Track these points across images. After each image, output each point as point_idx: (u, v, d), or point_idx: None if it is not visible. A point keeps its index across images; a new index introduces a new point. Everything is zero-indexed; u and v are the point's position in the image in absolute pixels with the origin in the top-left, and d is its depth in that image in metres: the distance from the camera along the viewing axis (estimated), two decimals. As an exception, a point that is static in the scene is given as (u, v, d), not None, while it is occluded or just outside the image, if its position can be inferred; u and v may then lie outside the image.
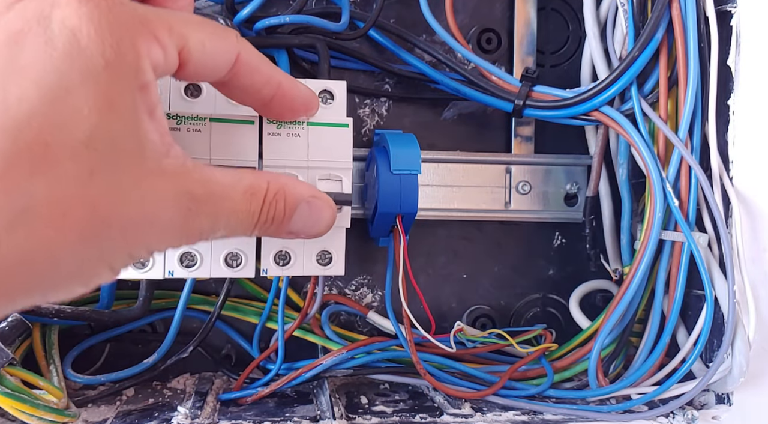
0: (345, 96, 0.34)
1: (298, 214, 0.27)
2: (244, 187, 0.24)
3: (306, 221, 0.27)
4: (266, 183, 0.25)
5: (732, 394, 0.37)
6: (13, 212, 0.17)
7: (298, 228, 0.27)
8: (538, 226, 0.46)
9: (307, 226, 0.28)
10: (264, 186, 0.25)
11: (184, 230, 0.22)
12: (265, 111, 0.30)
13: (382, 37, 0.41)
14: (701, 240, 0.36)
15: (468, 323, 0.45)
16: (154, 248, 0.21)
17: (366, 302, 0.45)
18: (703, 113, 0.36)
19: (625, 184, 0.41)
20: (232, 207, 0.24)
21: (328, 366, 0.39)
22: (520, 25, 0.44)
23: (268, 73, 0.28)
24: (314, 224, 0.28)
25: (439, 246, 0.45)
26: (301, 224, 0.27)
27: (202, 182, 0.22)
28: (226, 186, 0.23)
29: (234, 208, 0.24)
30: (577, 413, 0.37)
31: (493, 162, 0.44)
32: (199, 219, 0.22)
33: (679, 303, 0.37)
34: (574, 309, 0.44)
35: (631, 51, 0.36)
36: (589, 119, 0.38)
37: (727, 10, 0.36)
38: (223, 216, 0.23)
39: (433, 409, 0.37)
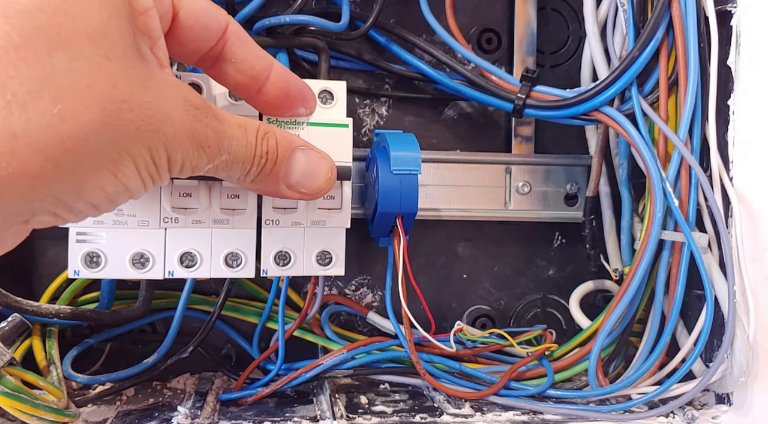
0: (345, 96, 0.34)
1: (295, 161, 0.27)
2: (238, 120, 0.25)
3: (303, 170, 0.28)
4: (257, 123, 0.26)
5: (732, 394, 0.37)
6: (37, 78, 0.17)
7: (297, 179, 0.28)
8: (538, 226, 0.46)
9: (305, 176, 0.28)
10: (255, 124, 0.26)
11: (195, 134, 0.22)
12: (261, 103, 0.30)
13: (382, 37, 0.41)
14: (701, 240, 0.36)
15: (468, 323, 0.45)
16: (170, 150, 0.22)
17: (366, 302, 0.45)
18: (703, 113, 0.36)
19: (625, 184, 0.41)
20: (230, 132, 0.24)
21: (328, 366, 0.39)
22: (520, 25, 0.44)
23: (258, 49, 0.28)
24: (312, 175, 0.28)
25: (439, 246, 0.45)
26: (298, 173, 0.28)
27: (201, 100, 0.23)
28: (222, 113, 0.24)
29: (232, 134, 0.24)
30: (577, 413, 0.37)
31: (493, 162, 0.44)
32: (205, 128, 0.23)
33: (679, 303, 0.37)
34: (574, 309, 0.44)
35: (631, 51, 0.36)
36: (589, 119, 0.37)
37: (727, 10, 0.36)
38: (224, 136, 0.24)
39: (433, 409, 0.37)
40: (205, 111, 0.23)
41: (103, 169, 0.20)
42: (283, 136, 0.27)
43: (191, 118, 0.22)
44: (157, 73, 0.22)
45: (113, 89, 0.19)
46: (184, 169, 0.23)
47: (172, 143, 0.21)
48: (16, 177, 0.17)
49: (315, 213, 0.33)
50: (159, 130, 0.21)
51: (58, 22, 0.18)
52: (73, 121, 0.18)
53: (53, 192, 0.19)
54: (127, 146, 0.20)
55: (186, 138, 0.22)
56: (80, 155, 0.18)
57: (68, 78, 0.18)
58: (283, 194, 0.28)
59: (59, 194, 0.19)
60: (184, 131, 0.22)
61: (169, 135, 0.21)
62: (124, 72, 0.20)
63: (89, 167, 0.19)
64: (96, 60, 0.19)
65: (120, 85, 0.19)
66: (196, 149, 0.23)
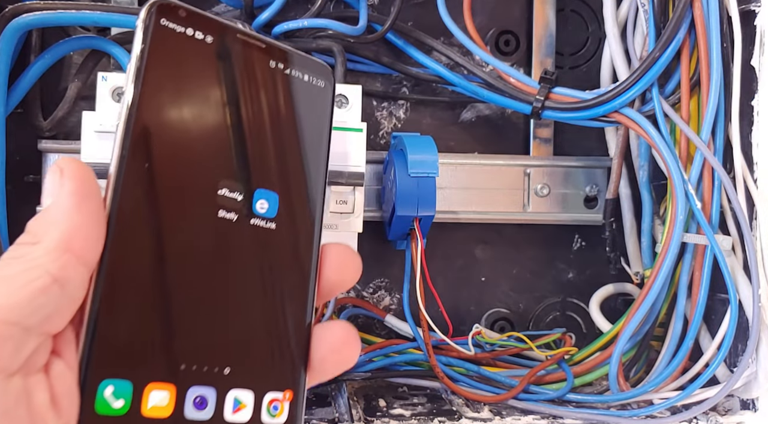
0: (360, 100, 0.34)
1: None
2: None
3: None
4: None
5: (757, 399, 0.36)
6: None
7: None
8: (558, 228, 0.46)
9: None
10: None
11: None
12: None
13: (400, 40, 0.42)
14: (725, 243, 0.35)
15: (486, 327, 0.45)
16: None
17: (384, 304, 0.45)
18: (726, 114, 0.36)
19: (646, 186, 0.41)
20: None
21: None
22: (539, 26, 0.44)
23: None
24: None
25: (457, 249, 0.45)
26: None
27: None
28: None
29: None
30: (598, 418, 0.36)
31: (512, 164, 0.44)
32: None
33: (702, 307, 0.36)
34: (594, 312, 0.43)
35: (652, 51, 0.35)
36: (609, 121, 0.37)
37: (750, 10, 0.36)
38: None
39: (452, 412, 0.37)
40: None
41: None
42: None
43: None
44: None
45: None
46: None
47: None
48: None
49: (327, 217, 0.33)
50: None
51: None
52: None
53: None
54: None
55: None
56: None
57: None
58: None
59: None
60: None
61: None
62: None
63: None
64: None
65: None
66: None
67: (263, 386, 0.21)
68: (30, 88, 0.38)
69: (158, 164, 0.20)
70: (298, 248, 0.22)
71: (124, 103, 0.19)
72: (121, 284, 0.19)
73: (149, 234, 0.19)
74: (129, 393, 0.18)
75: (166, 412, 0.19)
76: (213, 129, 0.21)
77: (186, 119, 0.20)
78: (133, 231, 0.19)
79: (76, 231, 0.18)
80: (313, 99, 0.23)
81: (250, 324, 0.21)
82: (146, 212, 0.19)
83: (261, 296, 0.21)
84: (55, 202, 0.18)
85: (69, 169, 0.19)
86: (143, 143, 0.20)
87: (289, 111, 0.23)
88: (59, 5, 0.34)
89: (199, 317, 0.20)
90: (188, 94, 0.21)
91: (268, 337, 0.21)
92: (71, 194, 0.18)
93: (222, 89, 0.21)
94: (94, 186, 0.19)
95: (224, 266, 0.20)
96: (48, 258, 0.17)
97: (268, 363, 0.21)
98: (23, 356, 0.17)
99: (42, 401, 0.17)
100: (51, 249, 0.18)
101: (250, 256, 0.21)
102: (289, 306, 0.22)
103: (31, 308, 0.17)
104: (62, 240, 0.18)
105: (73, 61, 0.41)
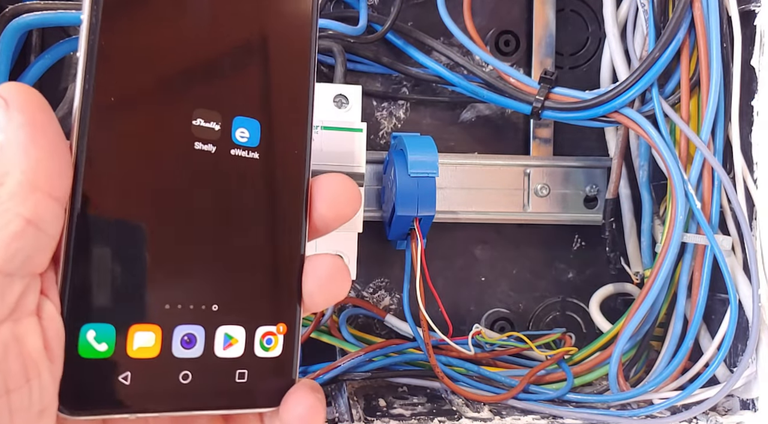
0: (360, 100, 0.34)
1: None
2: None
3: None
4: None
5: (757, 399, 0.36)
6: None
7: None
8: (557, 228, 0.46)
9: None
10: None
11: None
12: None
13: (400, 40, 0.42)
14: (724, 243, 0.35)
15: (486, 327, 0.45)
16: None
17: (384, 304, 0.45)
18: (726, 114, 0.36)
19: (646, 187, 0.41)
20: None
21: (345, 369, 0.39)
22: (539, 26, 0.44)
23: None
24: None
25: (457, 249, 0.45)
26: None
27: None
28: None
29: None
30: (598, 418, 0.36)
31: (512, 164, 0.44)
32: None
33: (702, 307, 0.36)
34: (594, 312, 0.43)
35: (652, 51, 0.35)
36: (609, 121, 0.37)
37: (750, 10, 0.36)
38: None
39: (452, 412, 0.37)
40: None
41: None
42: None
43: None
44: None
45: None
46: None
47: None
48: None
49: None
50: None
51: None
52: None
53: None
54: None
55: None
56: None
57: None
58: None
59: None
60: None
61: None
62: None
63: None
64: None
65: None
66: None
67: (254, 321, 0.20)
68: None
69: (125, 96, 0.18)
70: (285, 178, 0.21)
71: (83, 31, 0.18)
72: (93, 224, 0.18)
73: (121, 172, 0.18)
74: (112, 336, 0.18)
75: (153, 352, 0.19)
76: (181, 53, 0.19)
77: (151, 44, 0.19)
78: (103, 169, 0.18)
79: (38, 167, 0.17)
80: (294, 9, 0.21)
81: (237, 259, 0.20)
82: (116, 149, 0.18)
83: (247, 230, 0.20)
84: (8, 138, 0.17)
85: (14, 99, 0.17)
86: (106, 74, 0.18)
87: (265, 25, 0.21)
88: (59, 5, 0.34)
89: (181, 255, 0.19)
90: (151, 15, 0.19)
91: (257, 271, 0.20)
92: (23, 127, 0.17)
93: (188, 7, 0.20)
94: (47, 112, 0.17)
95: (205, 201, 0.19)
96: (15, 200, 0.16)
97: (258, 298, 0.20)
98: (9, 302, 0.16)
99: (35, 347, 0.17)
100: (16, 191, 0.17)
101: (233, 189, 0.20)
102: (277, 239, 0.21)
103: (9, 253, 0.16)
104: (26, 180, 0.17)
105: (73, 61, 0.41)
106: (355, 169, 0.33)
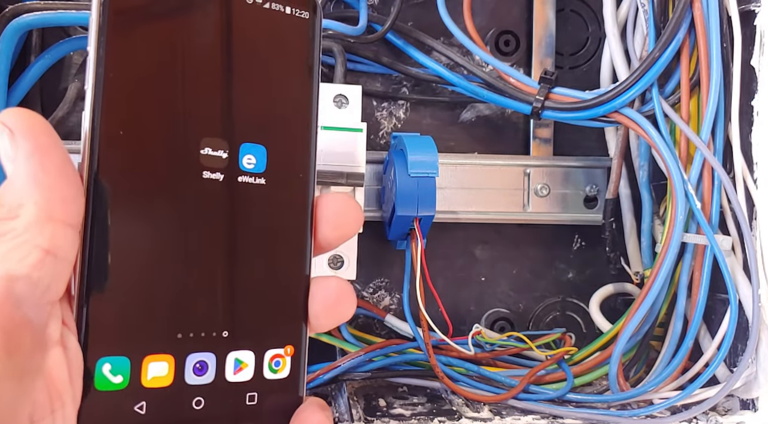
0: (360, 101, 0.34)
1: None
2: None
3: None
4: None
5: (757, 399, 0.36)
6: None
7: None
8: (558, 228, 0.46)
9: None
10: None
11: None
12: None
13: (400, 40, 0.42)
14: (724, 243, 0.35)
15: (486, 327, 0.45)
16: None
17: (384, 304, 0.45)
18: (726, 114, 0.36)
19: (646, 187, 0.41)
20: None
21: (345, 369, 0.39)
22: (539, 26, 0.44)
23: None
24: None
25: (457, 249, 0.45)
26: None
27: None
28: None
29: None
30: (598, 418, 0.36)
31: (512, 164, 0.44)
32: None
33: (702, 307, 0.36)
34: (594, 312, 0.43)
35: (652, 51, 0.35)
36: (609, 121, 0.37)
37: (750, 10, 0.36)
38: None
39: (452, 412, 0.37)
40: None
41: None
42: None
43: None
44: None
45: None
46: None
47: None
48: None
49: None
50: None
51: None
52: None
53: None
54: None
55: None
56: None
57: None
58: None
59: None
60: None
61: None
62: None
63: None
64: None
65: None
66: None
67: (263, 345, 0.20)
68: (30, 88, 0.38)
69: (133, 128, 0.18)
70: (291, 203, 0.21)
71: (90, 63, 0.18)
72: (106, 256, 0.18)
73: (132, 204, 0.18)
74: (127, 368, 0.18)
75: (167, 381, 0.19)
76: (188, 82, 0.19)
77: (157, 75, 0.19)
78: (114, 203, 0.18)
79: (51, 196, 0.17)
80: (296, 34, 0.21)
81: (245, 285, 0.20)
82: (126, 183, 0.18)
83: (254, 256, 0.20)
84: (17, 169, 0.17)
85: (19, 125, 0.17)
86: (114, 106, 0.18)
87: (271, 51, 0.21)
88: (59, 5, 0.34)
89: (192, 283, 0.19)
90: (156, 47, 0.19)
91: (265, 296, 0.21)
92: (31, 156, 0.17)
93: (194, 34, 0.19)
94: (52, 137, 0.17)
95: (213, 230, 0.20)
96: (33, 232, 0.17)
97: (266, 322, 0.21)
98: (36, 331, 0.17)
99: (60, 378, 0.17)
100: (32, 222, 0.17)
101: (240, 216, 0.20)
102: (284, 263, 0.21)
103: (30, 283, 0.16)
104: (40, 210, 0.17)
105: (73, 61, 0.41)
106: (355, 170, 0.33)
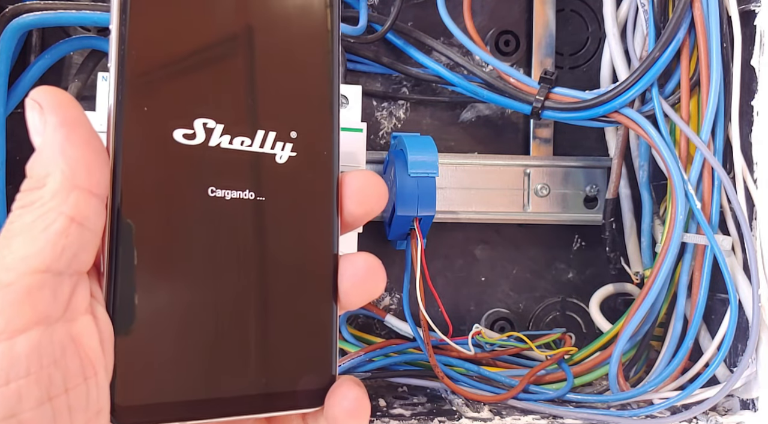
0: (360, 101, 0.34)
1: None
2: None
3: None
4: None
5: (757, 399, 0.36)
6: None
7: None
8: (557, 229, 0.46)
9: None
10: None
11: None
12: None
13: (400, 40, 0.41)
14: (724, 243, 0.35)
15: (486, 327, 0.45)
16: None
17: (384, 304, 0.45)
18: (726, 114, 0.36)
19: (646, 187, 0.41)
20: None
21: (345, 369, 0.39)
22: (539, 26, 0.44)
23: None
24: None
25: (457, 249, 0.45)
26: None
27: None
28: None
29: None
30: (598, 418, 0.36)
31: (512, 164, 0.43)
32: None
33: (702, 307, 0.36)
34: (594, 312, 0.43)
35: (652, 51, 0.35)
36: (609, 121, 0.37)
37: (750, 10, 0.36)
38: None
39: (452, 412, 0.37)
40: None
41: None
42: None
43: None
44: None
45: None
46: None
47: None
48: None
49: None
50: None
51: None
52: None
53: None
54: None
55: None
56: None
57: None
58: None
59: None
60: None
61: None
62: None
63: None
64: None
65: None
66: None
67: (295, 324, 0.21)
68: (30, 88, 0.38)
69: (156, 109, 0.19)
70: (316, 181, 0.21)
71: (113, 41, 0.19)
72: (134, 227, 0.18)
73: (157, 179, 0.19)
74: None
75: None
76: (209, 70, 0.20)
77: (180, 58, 0.19)
78: (140, 178, 0.19)
79: (76, 165, 0.17)
80: (313, 15, 0.21)
81: (276, 262, 0.20)
82: (152, 157, 0.19)
83: (284, 235, 0.21)
84: (44, 140, 0.18)
85: (47, 101, 0.18)
86: (138, 85, 0.19)
87: (292, 29, 0.21)
88: (59, 5, 0.34)
89: (220, 261, 0.20)
90: (179, 32, 0.19)
91: (294, 273, 0.21)
92: (58, 128, 0.17)
93: (212, 23, 0.20)
94: (78, 111, 0.18)
95: (242, 211, 0.20)
96: (58, 200, 0.17)
97: (295, 299, 0.21)
98: (62, 301, 0.17)
99: (91, 346, 0.17)
100: (57, 190, 0.17)
101: (269, 194, 0.20)
102: (312, 240, 0.21)
103: (56, 252, 0.17)
104: (66, 178, 0.17)
105: (73, 61, 0.41)
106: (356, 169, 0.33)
